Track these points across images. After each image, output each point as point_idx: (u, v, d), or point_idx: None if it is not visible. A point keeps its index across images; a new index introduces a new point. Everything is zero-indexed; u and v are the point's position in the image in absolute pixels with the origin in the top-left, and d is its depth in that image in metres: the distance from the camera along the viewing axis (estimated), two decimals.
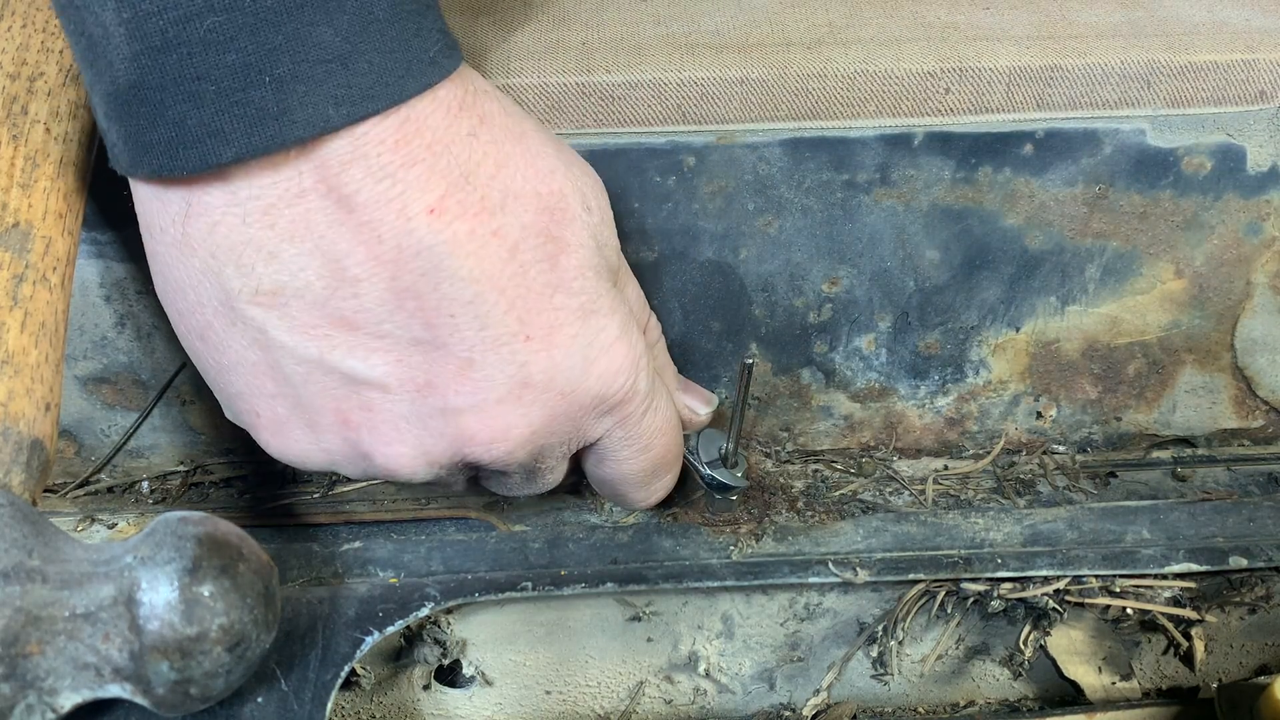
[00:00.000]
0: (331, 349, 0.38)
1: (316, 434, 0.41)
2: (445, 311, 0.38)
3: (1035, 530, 0.54)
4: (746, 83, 0.49)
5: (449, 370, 0.39)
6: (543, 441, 0.42)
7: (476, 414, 0.40)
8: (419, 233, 0.37)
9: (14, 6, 0.46)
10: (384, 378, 0.39)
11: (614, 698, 0.59)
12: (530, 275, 0.39)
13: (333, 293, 0.37)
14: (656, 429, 0.46)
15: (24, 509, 0.37)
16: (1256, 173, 0.52)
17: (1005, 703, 0.60)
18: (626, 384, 0.43)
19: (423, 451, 0.41)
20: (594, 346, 0.41)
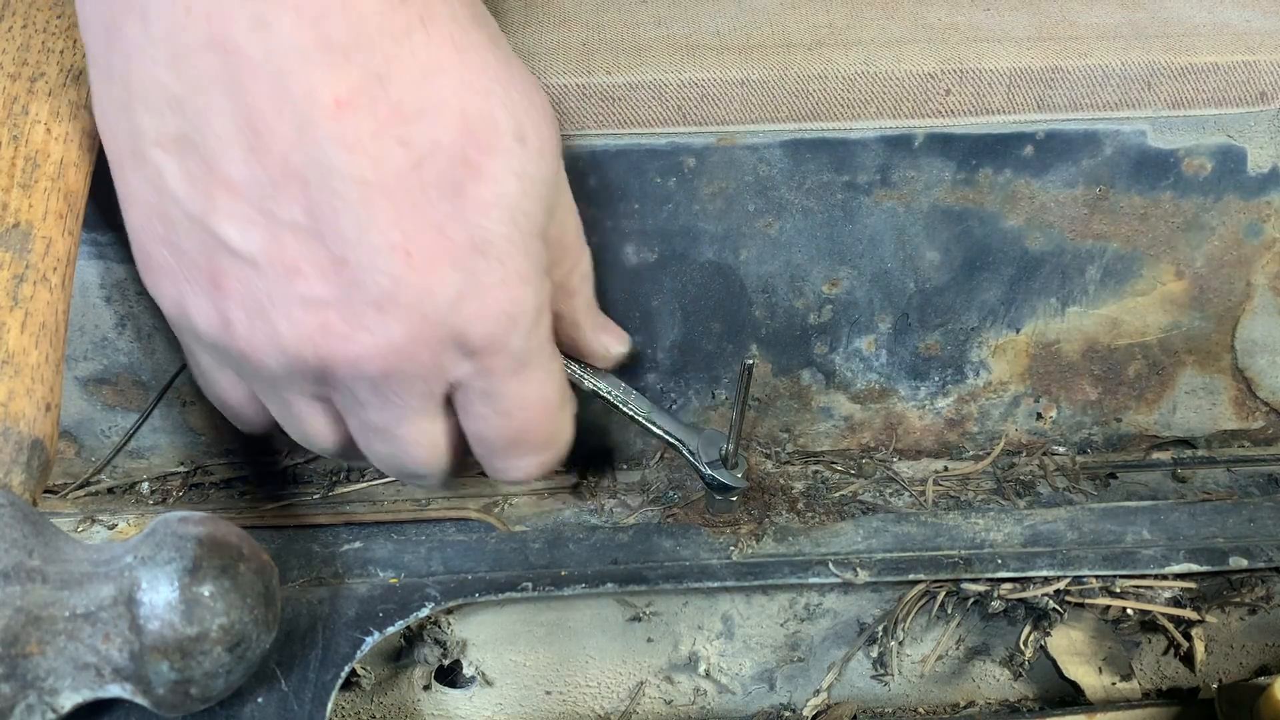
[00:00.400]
0: (214, 210, 0.38)
1: (191, 290, 0.40)
2: (329, 205, 0.37)
3: (1035, 531, 0.54)
4: (747, 84, 0.49)
5: (320, 262, 0.38)
6: (398, 364, 0.40)
7: (337, 310, 0.38)
8: (321, 121, 0.36)
9: (14, 7, 0.46)
10: (255, 254, 0.38)
11: (614, 698, 0.59)
12: (429, 195, 0.38)
13: (226, 156, 0.37)
14: (524, 400, 0.44)
15: (24, 509, 0.37)
16: (1257, 174, 0.52)
17: (1005, 703, 0.60)
18: (494, 333, 0.41)
19: (277, 336, 0.39)
20: (471, 284, 0.40)
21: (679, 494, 0.56)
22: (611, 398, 0.51)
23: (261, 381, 0.43)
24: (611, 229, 0.52)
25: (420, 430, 0.44)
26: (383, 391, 0.41)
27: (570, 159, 0.50)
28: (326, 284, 0.38)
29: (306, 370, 0.40)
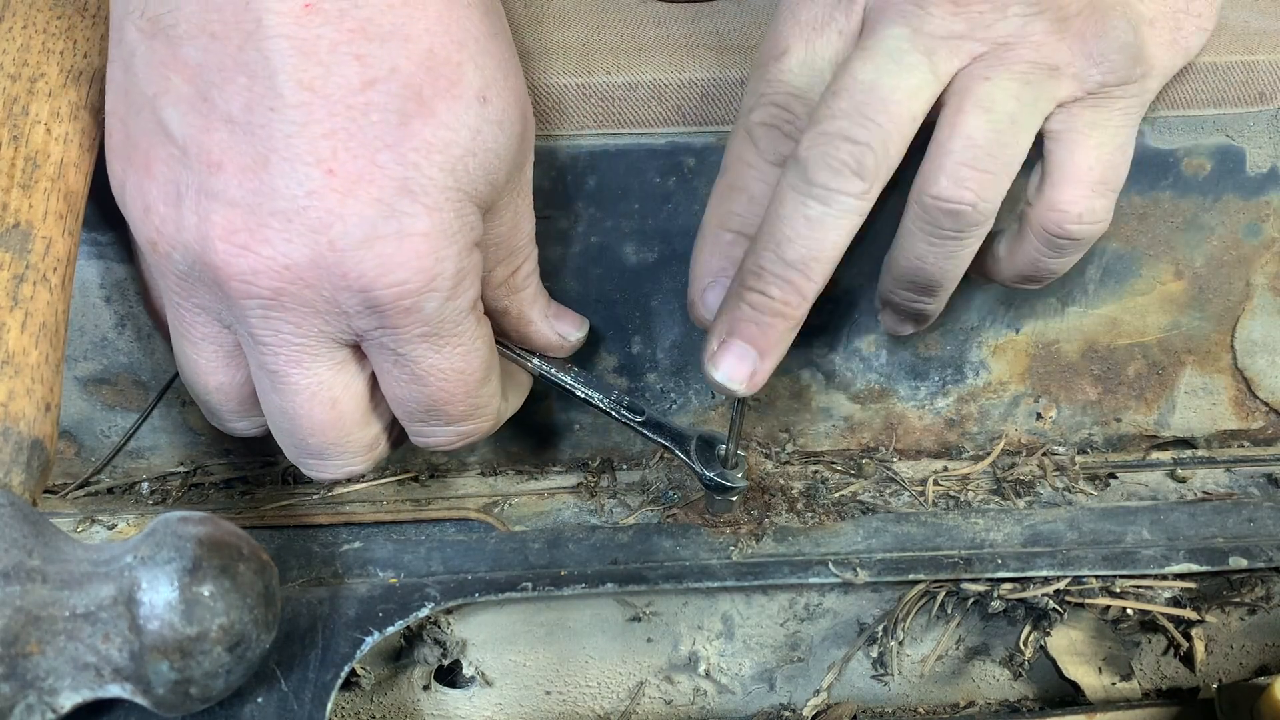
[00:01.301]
0: (164, 93, 0.38)
1: (131, 168, 0.40)
2: (268, 103, 0.37)
3: (1035, 531, 0.54)
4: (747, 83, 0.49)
5: (242, 160, 0.37)
6: (292, 289, 0.38)
7: (244, 212, 0.38)
8: (284, 18, 0.36)
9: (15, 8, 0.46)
10: (186, 140, 0.38)
11: (614, 698, 0.59)
12: (370, 119, 0.37)
13: (189, 40, 0.37)
14: (437, 369, 0.42)
15: (24, 509, 0.37)
16: (1256, 174, 0.52)
17: (1005, 703, 0.60)
18: (406, 288, 0.39)
19: (182, 229, 0.38)
20: (389, 224, 0.38)
21: (679, 494, 0.56)
22: (604, 405, 0.51)
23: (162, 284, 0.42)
24: (611, 229, 0.52)
25: (315, 380, 0.42)
26: (275, 322, 0.40)
27: (570, 159, 0.50)
28: (242, 183, 0.37)
29: (205, 277, 0.39)
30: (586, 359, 0.55)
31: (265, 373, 0.42)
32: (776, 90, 0.45)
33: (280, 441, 0.45)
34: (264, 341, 0.40)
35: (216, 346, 0.43)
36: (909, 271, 0.47)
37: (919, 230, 0.45)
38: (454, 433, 0.45)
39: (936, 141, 0.43)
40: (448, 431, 0.45)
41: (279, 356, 0.41)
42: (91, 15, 0.47)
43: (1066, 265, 0.47)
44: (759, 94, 0.46)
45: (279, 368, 0.41)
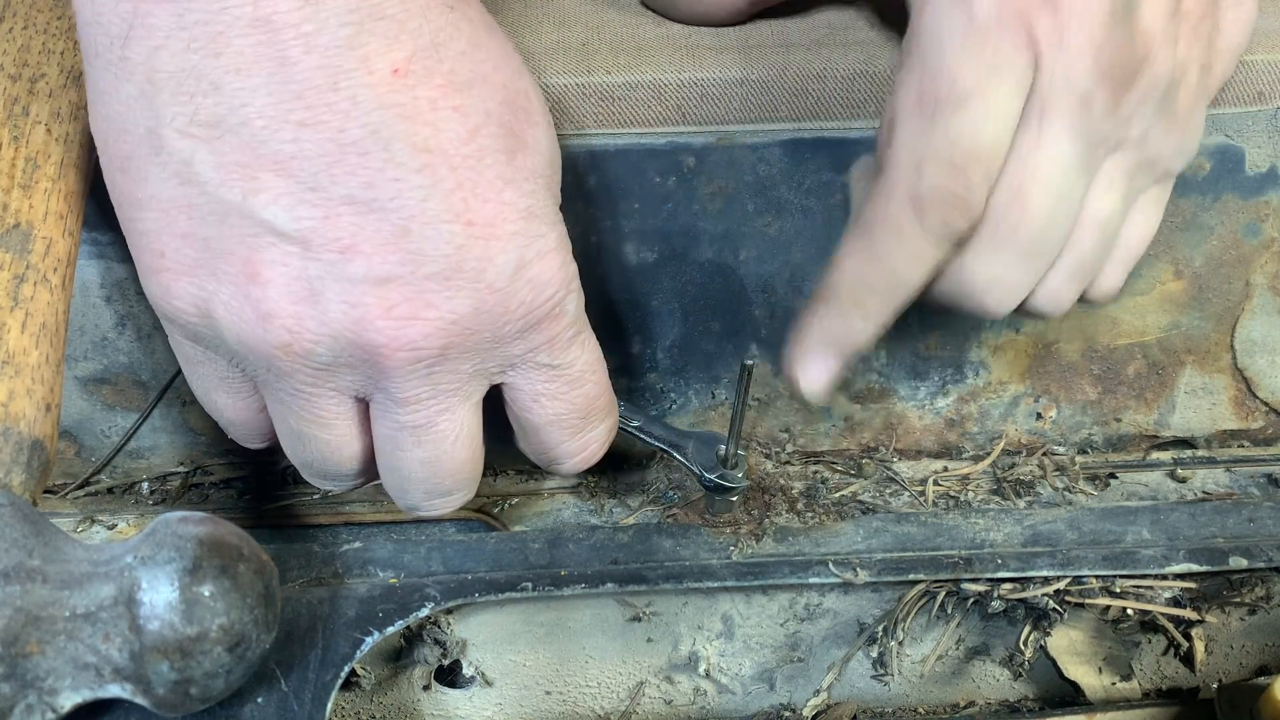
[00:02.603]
0: (256, 193, 0.36)
1: (217, 283, 0.38)
2: (390, 175, 0.36)
3: (1035, 531, 0.54)
4: (746, 83, 0.49)
5: (379, 236, 0.37)
6: (459, 340, 0.39)
7: (399, 286, 0.37)
8: (379, 89, 0.36)
9: (15, 8, 0.46)
10: (306, 233, 0.36)
11: (614, 698, 0.59)
12: (485, 162, 0.38)
13: (273, 134, 0.36)
14: (587, 364, 0.43)
15: (24, 509, 0.37)
16: (1255, 174, 0.52)
17: (1005, 703, 0.60)
18: (556, 297, 0.41)
19: (328, 323, 0.38)
20: (530, 250, 0.39)
21: (679, 494, 0.56)
22: None
23: (286, 383, 0.41)
24: (611, 229, 0.52)
25: (461, 423, 0.42)
26: (433, 377, 0.40)
27: (570, 159, 0.50)
28: (387, 259, 0.37)
29: (356, 359, 0.39)
30: None
31: (408, 430, 0.42)
32: (958, 149, 0.39)
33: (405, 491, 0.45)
34: (416, 399, 0.40)
35: (350, 420, 0.42)
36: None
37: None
38: (606, 429, 0.46)
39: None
40: (602, 430, 0.46)
41: (429, 409, 0.41)
42: None
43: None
44: (933, 149, 0.40)
45: (427, 420, 0.41)
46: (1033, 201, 0.41)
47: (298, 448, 0.44)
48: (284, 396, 0.41)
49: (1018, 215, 0.41)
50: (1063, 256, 0.44)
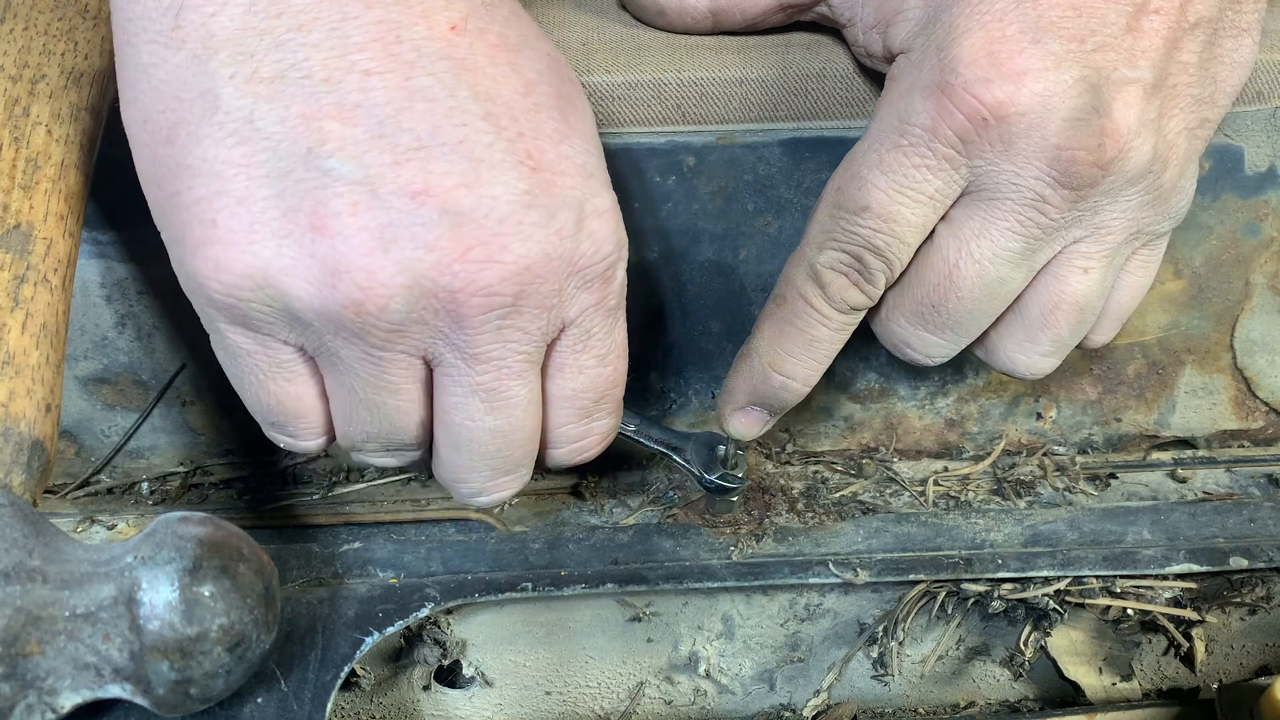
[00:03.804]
0: (323, 142, 0.36)
1: (279, 245, 0.37)
2: (457, 120, 0.37)
3: (1036, 531, 0.54)
4: (746, 83, 0.49)
5: (450, 179, 0.37)
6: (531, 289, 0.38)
7: (473, 228, 0.37)
8: (438, 42, 0.37)
9: (15, 9, 0.46)
10: (375, 179, 0.36)
11: (614, 698, 0.59)
12: (543, 115, 0.39)
13: (339, 83, 0.36)
14: (617, 345, 0.43)
15: (24, 509, 0.37)
16: (1254, 173, 0.52)
17: (1005, 703, 0.60)
18: (614, 255, 0.40)
19: (405, 267, 0.37)
20: (590, 204, 0.39)
21: (679, 494, 0.56)
22: None
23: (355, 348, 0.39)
24: None
25: (531, 389, 0.42)
26: (506, 332, 0.39)
27: None
28: (461, 200, 0.37)
29: (430, 309, 0.38)
30: None
31: (480, 394, 0.41)
32: (851, 242, 0.44)
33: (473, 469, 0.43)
34: (489, 358, 0.40)
35: (417, 384, 0.41)
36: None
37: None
38: (609, 426, 0.46)
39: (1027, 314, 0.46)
40: (605, 425, 0.45)
41: (504, 370, 0.40)
42: (93, 17, 0.47)
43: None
44: (830, 235, 0.44)
45: (500, 384, 0.41)
46: (963, 286, 0.43)
47: (364, 419, 0.42)
48: (352, 364, 0.40)
49: (943, 294, 0.44)
50: (1039, 337, 0.46)
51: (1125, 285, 0.47)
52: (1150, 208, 0.43)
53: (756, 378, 0.48)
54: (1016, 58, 0.39)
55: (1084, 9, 0.39)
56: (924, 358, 0.47)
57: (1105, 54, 0.39)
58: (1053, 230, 0.42)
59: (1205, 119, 0.44)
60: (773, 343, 0.47)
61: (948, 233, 0.43)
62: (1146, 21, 0.40)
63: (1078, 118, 0.40)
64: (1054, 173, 0.41)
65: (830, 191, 0.45)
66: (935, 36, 0.41)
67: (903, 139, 0.41)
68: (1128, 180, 0.42)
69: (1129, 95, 0.40)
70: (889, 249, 0.43)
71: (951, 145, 0.41)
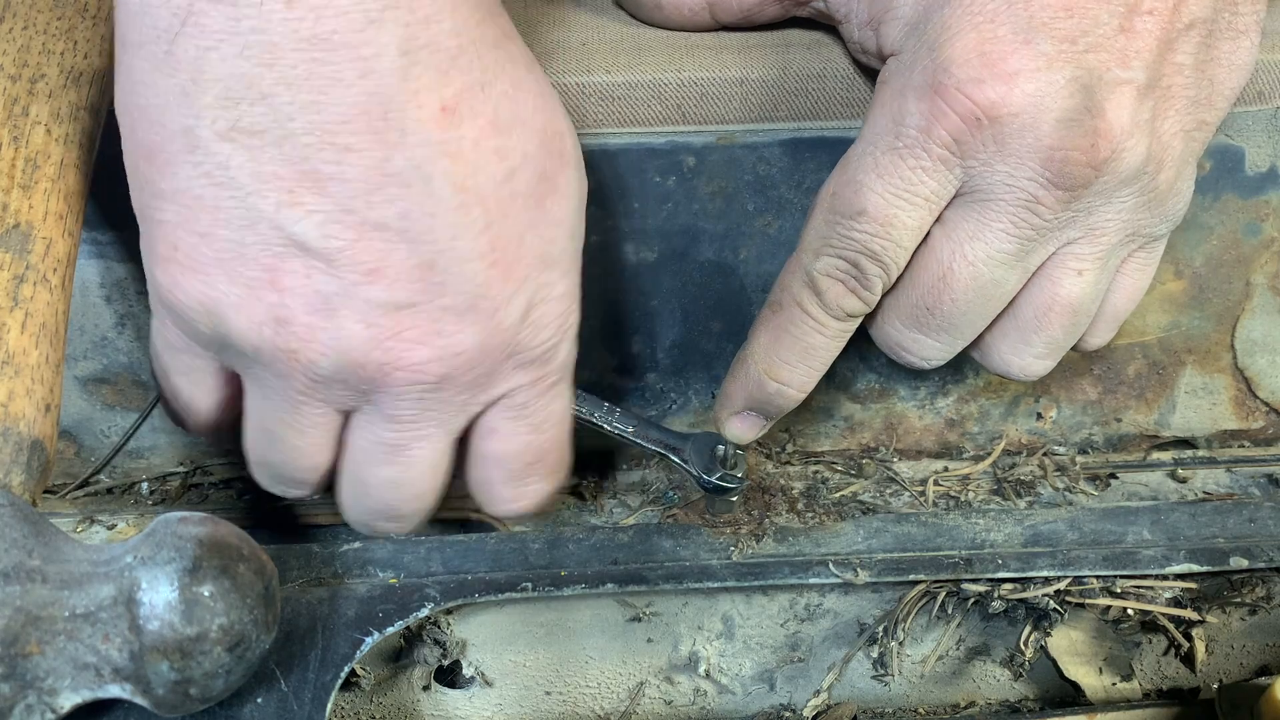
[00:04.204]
0: (291, 206, 0.36)
1: (231, 285, 0.38)
2: (427, 209, 0.37)
3: (1036, 531, 0.54)
4: (746, 83, 0.49)
5: (405, 265, 0.37)
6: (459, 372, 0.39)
7: (414, 314, 0.38)
8: (426, 124, 0.36)
9: (15, 9, 0.46)
10: (335, 252, 0.37)
11: (614, 698, 0.59)
12: (516, 205, 0.39)
13: (316, 153, 0.36)
14: (555, 415, 0.44)
15: (24, 509, 0.37)
16: (1255, 173, 0.52)
17: (1006, 703, 0.60)
18: (553, 341, 0.41)
19: (340, 339, 0.38)
20: (539, 294, 0.40)
21: (679, 494, 0.56)
22: (596, 420, 0.51)
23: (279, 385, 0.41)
24: (611, 228, 0.52)
25: (435, 450, 0.43)
26: (424, 402, 0.40)
27: None
28: (409, 288, 0.38)
29: (358, 376, 0.39)
30: (587, 359, 0.55)
31: (383, 447, 0.42)
32: (848, 247, 0.44)
33: (357, 505, 0.45)
34: (400, 420, 0.41)
35: (325, 431, 0.43)
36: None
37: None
38: (545, 488, 0.47)
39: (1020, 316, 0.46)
40: (541, 488, 0.46)
41: (411, 432, 0.41)
42: (92, 16, 0.47)
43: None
44: (826, 241, 0.44)
45: (405, 442, 0.42)
46: (957, 288, 0.44)
47: (265, 447, 0.44)
48: (272, 395, 0.41)
49: (937, 296, 0.44)
50: (1033, 339, 0.46)
51: (1122, 288, 0.47)
52: (1145, 209, 0.43)
53: (752, 384, 0.48)
54: (1009, 58, 0.39)
55: (1076, 9, 0.39)
56: (920, 361, 0.47)
57: (1097, 54, 0.39)
58: (1046, 231, 0.42)
59: (1203, 121, 0.43)
60: (769, 349, 0.47)
61: (942, 235, 0.43)
62: (1139, 22, 0.40)
63: (1070, 118, 0.40)
64: (1047, 173, 0.41)
65: (825, 197, 0.44)
66: (927, 37, 0.41)
67: (897, 141, 0.41)
68: (1121, 181, 0.41)
69: (1122, 96, 0.40)
70: (886, 253, 0.43)
71: (946, 146, 0.41)
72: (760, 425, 0.51)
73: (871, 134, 0.43)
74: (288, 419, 0.42)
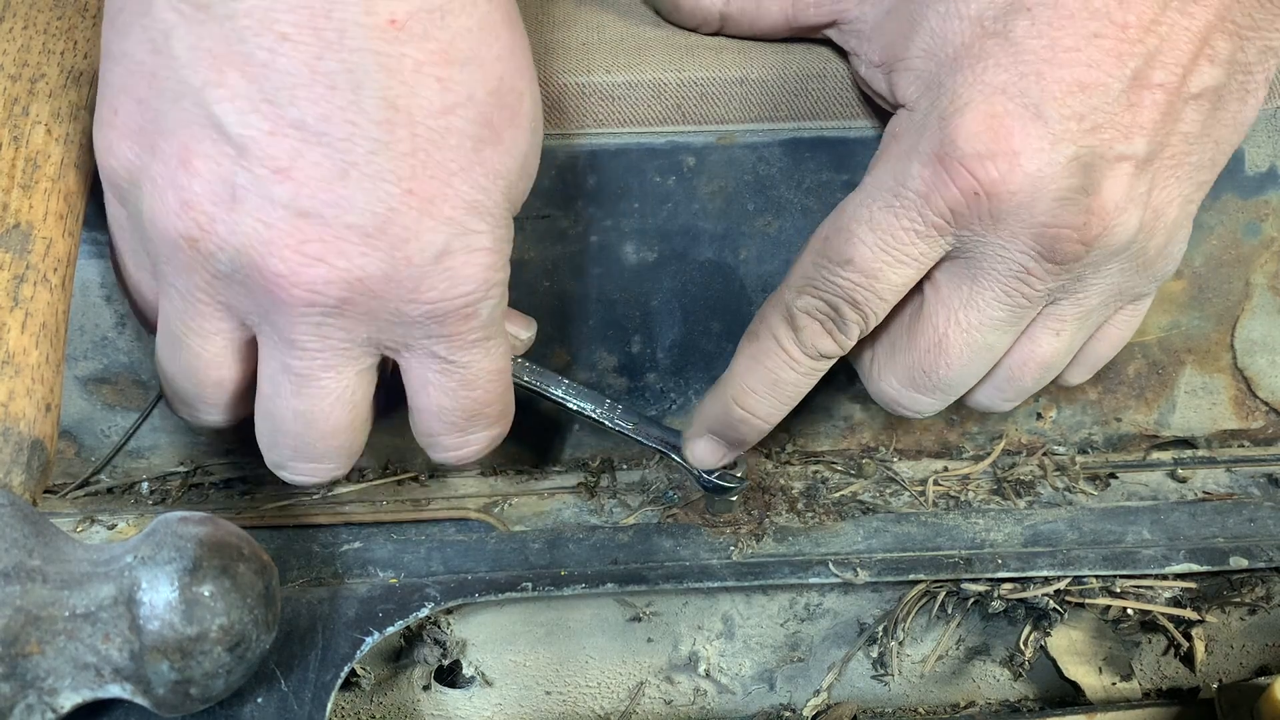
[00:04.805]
0: (217, 86, 0.36)
1: (152, 156, 0.38)
2: (349, 116, 0.36)
3: (1036, 531, 0.54)
4: (746, 83, 0.49)
5: (317, 171, 0.36)
6: (358, 301, 0.39)
7: (317, 224, 0.37)
8: (370, 31, 0.36)
9: (15, 8, 0.46)
10: (249, 141, 0.36)
11: (614, 698, 0.59)
12: (449, 142, 0.38)
13: (253, 36, 0.35)
14: (486, 371, 0.43)
15: (24, 509, 0.37)
16: (1255, 173, 0.52)
17: (1005, 703, 0.60)
18: (471, 297, 0.40)
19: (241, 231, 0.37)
20: (459, 241, 0.39)
21: (679, 494, 0.56)
22: (596, 415, 0.51)
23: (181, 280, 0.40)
24: (611, 228, 0.52)
25: (345, 385, 0.42)
26: (324, 330, 0.39)
27: (570, 158, 0.50)
28: (315, 194, 0.37)
29: (252, 282, 0.38)
30: (587, 359, 0.55)
31: (289, 375, 0.41)
32: (831, 291, 0.44)
33: (274, 443, 0.44)
34: (303, 346, 0.40)
35: (227, 342, 0.42)
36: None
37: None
38: (488, 437, 0.46)
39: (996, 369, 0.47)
40: (484, 436, 0.46)
41: (315, 361, 0.41)
42: (92, 15, 0.47)
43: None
44: (811, 282, 0.45)
45: (311, 371, 0.41)
46: (952, 354, 0.44)
47: (170, 356, 0.44)
48: (174, 294, 0.41)
49: (933, 361, 0.45)
50: (1005, 387, 0.47)
51: (1105, 337, 0.48)
52: (1133, 274, 0.44)
53: (720, 408, 0.49)
54: (1014, 135, 0.39)
55: (1088, 86, 0.39)
56: (914, 414, 0.48)
57: (1101, 133, 0.39)
58: (1036, 299, 0.43)
59: (1201, 183, 0.44)
60: (741, 377, 0.48)
61: (936, 301, 0.44)
62: (1146, 95, 0.39)
63: (1066, 197, 0.40)
64: (1039, 248, 0.41)
65: (817, 239, 0.45)
66: (939, 103, 0.41)
67: (895, 200, 0.42)
68: (1112, 254, 0.42)
69: (1119, 173, 0.40)
70: (867, 304, 0.44)
71: (942, 215, 0.41)
72: (722, 452, 0.51)
73: (872, 186, 0.43)
74: (190, 322, 0.41)
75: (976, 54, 0.40)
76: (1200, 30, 0.39)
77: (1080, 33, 0.39)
